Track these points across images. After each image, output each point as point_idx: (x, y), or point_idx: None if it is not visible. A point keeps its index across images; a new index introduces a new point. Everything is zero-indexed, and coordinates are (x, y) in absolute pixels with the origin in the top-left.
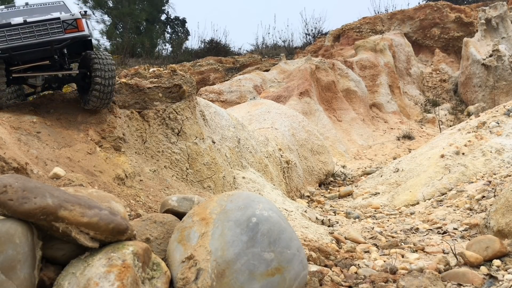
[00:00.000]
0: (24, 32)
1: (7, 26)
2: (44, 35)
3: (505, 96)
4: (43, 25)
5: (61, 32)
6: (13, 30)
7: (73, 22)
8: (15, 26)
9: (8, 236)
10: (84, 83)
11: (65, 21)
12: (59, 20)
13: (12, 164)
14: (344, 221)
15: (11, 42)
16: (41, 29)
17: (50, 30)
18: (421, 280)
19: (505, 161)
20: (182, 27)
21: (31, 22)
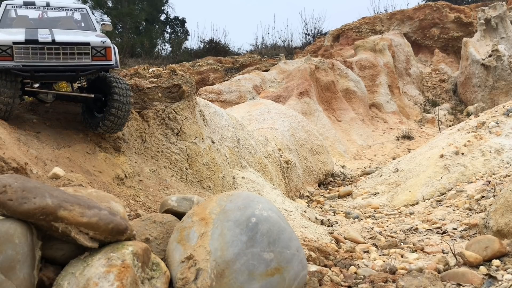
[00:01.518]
0: (50, 52)
1: (34, 43)
2: (70, 58)
3: (504, 96)
4: (71, 48)
5: (88, 58)
6: (38, 48)
7: (103, 50)
8: (41, 45)
9: (7, 236)
10: (95, 106)
11: (95, 47)
12: (88, 45)
13: (11, 164)
14: (343, 221)
15: (35, 60)
16: (68, 52)
17: (77, 55)
18: (421, 280)
19: (504, 161)
20: (181, 27)
21: (59, 43)
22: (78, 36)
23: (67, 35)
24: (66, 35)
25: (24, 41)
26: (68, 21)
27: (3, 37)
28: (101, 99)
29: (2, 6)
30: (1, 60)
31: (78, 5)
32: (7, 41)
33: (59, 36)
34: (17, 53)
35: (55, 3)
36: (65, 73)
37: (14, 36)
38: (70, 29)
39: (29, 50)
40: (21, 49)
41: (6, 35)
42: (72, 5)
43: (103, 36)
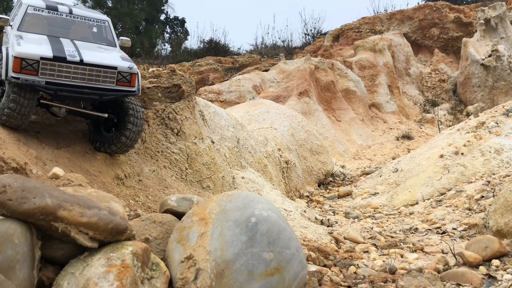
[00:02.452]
0: (76, 72)
1: (61, 60)
2: (95, 80)
3: (504, 96)
4: (97, 70)
5: (112, 82)
6: (65, 67)
7: (128, 76)
8: (68, 63)
9: (7, 236)
10: (105, 126)
11: (121, 72)
12: (115, 70)
13: (11, 164)
14: (343, 221)
15: (60, 78)
16: (94, 74)
17: (103, 78)
18: (420, 280)
19: (504, 161)
20: (181, 27)
21: (87, 63)
22: (105, 56)
23: (93, 53)
24: (92, 54)
25: (52, 58)
26: (89, 32)
27: (31, 49)
28: (113, 119)
29: (23, 7)
30: (25, 74)
31: (101, 17)
32: (34, 55)
33: (87, 56)
34: (42, 69)
35: (78, 12)
36: (88, 95)
37: (41, 50)
38: (91, 41)
39: (56, 67)
40: (48, 65)
41: (33, 46)
42: (94, 16)
43: (128, 60)
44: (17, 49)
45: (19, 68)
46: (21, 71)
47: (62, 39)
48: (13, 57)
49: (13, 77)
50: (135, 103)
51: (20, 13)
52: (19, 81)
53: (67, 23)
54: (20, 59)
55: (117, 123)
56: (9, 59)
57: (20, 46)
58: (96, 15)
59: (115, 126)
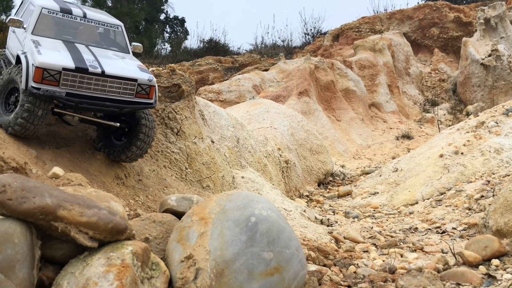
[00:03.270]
0: (97, 83)
1: (83, 72)
2: (115, 92)
3: (504, 96)
4: (118, 82)
5: (132, 94)
6: (86, 78)
7: (147, 88)
8: (90, 75)
9: (7, 235)
10: (116, 135)
11: (141, 84)
12: (135, 82)
13: (11, 163)
14: (343, 220)
15: (80, 90)
16: (115, 85)
17: (123, 90)
18: (420, 279)
19: (503, 161)
20: (181, 27)
21: (108, 75)
22: (124, 67)
23: (112, 63)
24: (112, 64)
25: (74, 69)
26: (103, 37)
27: (52, 59)
28: (124, 128)
29: (37, 9)
30: (46, 84)
31: (114, 21)
32: (57, 66)
33: (108, 67)
34: (64, 80)
35: (92, 16)
36: (108, 107)
37: (63, 60)
38: (105, 47)
39: (77, 78)
40: (69, 76)
41: (54, 55)
42: (107, 20)
43: (146, 70)
44: (39, 58)
45: (41, 78)
46: (42, 82)
47: (78, 45)
48: (35, 67)
49: (33, 87)
50: (148, 112)
51: (34, 15)
52: (39, 92)
53: (81, 27)
54: (42, 70)
55: (128, 132)
56: (30, 68)
57: (42, 56)
58: (110, 19)
59: (125, 135)
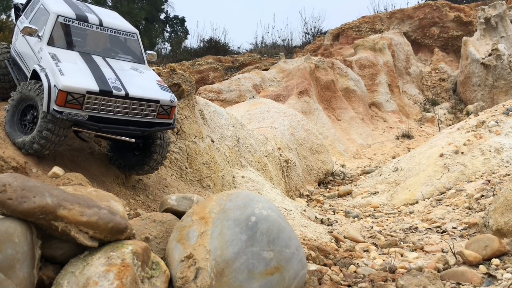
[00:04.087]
0: (120, 105)
1: (107, 94)
2: (137, 114)
3: (504, 95)
4: (141, 104)
5: (153, 115)
6: (110, 101)
7: (168, 109)
8: (114, 98)
9: (7, 235)
10: (129, 148)
11: (163, 105)
12: (158, 103)
13: (11, 163)
14: (343, 220)
15: (103, 112)
16: (137, 107)
17: (145, 111)
18: (420, 279)
19: (504, 160)
20: (181, 26)
21: (132, 97)
22: (146, 86)
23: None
24: (134, 84)
25: (99, 92)
26: (119, 46)
27: (76, 81)
28: (139, 143)
29: (53, 17)
30: (69, 108)
31: (130, 28)
32: (81, 89)
33: (131, 89)
34: (87, 103)
35: (108, 23)
36: (130, 130)
37: (87, 82)
38: (122, 57)
39: (101, 101)
40: (93, 99)
41: (77, 76)
42: (123, 28)
43: (166, 88)
44: (63, 81)
45: (64, 102)
46: (65, 105)
47: (95, 58)
48: (58, 90)
49: (56, 111)
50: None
51: (49, 23)
52: (61, 115)
53: (97, 36)
54: (66, 93)
55: (142, 147)
56: (52, 90)
57: (65, 77)
58: (125, 26)
59: (139, 149)
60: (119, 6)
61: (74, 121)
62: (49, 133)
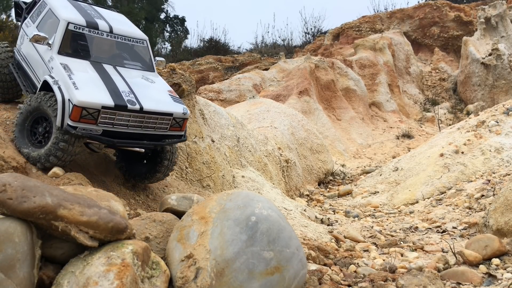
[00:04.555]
0: (135, 119)
1: (122, 109)
2: (150, 127)
3: (504, 95)
4: (154, 117)
5: (166, 128)
6: (124, 115)
7: (181, 121)
8: (128, 112)
9: (7, 235)
10: (138, 157)
11: (176, 118)
12: (171, 116)
13: (11, 163)
14: (343, 220)
15: (118, 127)
16: (151, 121)
17: (158, 124)
18: (420, 279)
19: (504, 160)
20: (181, 26)
21: (146, 111)
22: (159, 98)
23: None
24: (148, 96)
25: (114, 107)
26: (129, 53)
27: (91, 96)
28: (148, 153)
29: (63, 24)
30: (84, 123)
31: (140, 35)
32: (96, 104)
33: (145, 102)
34: (102, 118)
35: (118, 30)
36: (144, 145)
37: (102, 97)
38: (132, 65)
39: (115, 116)
40: (107, 114)
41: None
42: (133, 35)
43: (178, 100)
44: (77, 95)
45: (78, 117)
46: (79, 120)
47: (106, 67)
48: (73, 105)
49: (70, 126)
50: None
51: (59, 31)
52: (76, 131)
53: (107, 44)
54: (81, 109)
55: (151, 157)
56: (66, 105)
57: (79, 91)
58: (135, 33)
59: (148, 158)
60: (119, 5)
61: (88, 137)
62: (64, 148)
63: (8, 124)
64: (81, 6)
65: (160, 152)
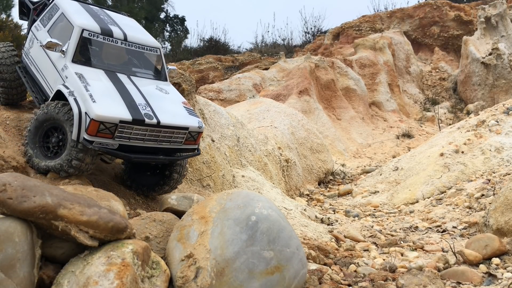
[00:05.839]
0: (151, 134)
1: (140, 123)
2: (166, 141)
3: (504, 95)
4: (170, 131)
5: (181, 142)
6: (141, 129)
7: (196, 135)
8: (145, 126)
9: (7, 234)
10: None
11: (191, 132)
12: (186, 130)
13: (11, 162)
14: (343, 219)
15: (134, 141)
16: (167, 135)
17: (173, 138)
18: (420, 278)
19: (504, 160)
20: (181, 26)
21: (163, 125)
22: (175, 111)
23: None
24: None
25: (132, 121)
26: (142, 62)
27: (109, 110)
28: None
29: (77, 31)
30: (100, 137)
31: (154, 43)
32: (114, 118)
33: (162, 116)
34: (119, 132)
35: (132, 38)
36: (160, 160)
37: (120, 111)
38: (145, 75)
39: (132, 130)
40: (124, 128)
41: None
42: (147, 43)
43: (193, 113)
44: (95, 109)
45: (96, 131)
46: (96, 135)
47: (120, 76)
48: (91, 119)
49: (86, 140)
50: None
51: (74, 38)
52: (92, 145)
53: (121, 52)
54: (98, 123)
55: (161, 168)
56: (83, 118)
57: (97, 105)
58: (149, 41)
59: (157, 169)
60: (119, 5)
61: (105, 151)
62: (79, 162)
63: (8, 124)
64: (94, 10)
65: (170, 165)
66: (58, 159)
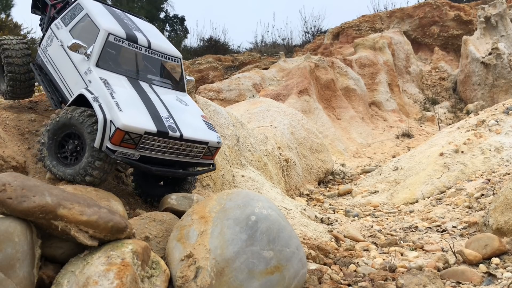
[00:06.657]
0: (172, 147)
1: (164, 136)
2: (184, 155)
3: (504, 94)
4: (191, 145)
5: (199, 156)
6: (164, 142)
7: (214, 150)
8: (168, 139)
9: (7, 234)
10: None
11: (210, 147)
12: (206, 145)
13: (11, 162)
14: (343, 219)
15: (155, 152)
16: (187, 149)
17: (193, 152)
18: (420, 278)
19: (504, 159)
20: (181, 25)
21: (185, 139)
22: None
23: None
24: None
25: (156, 133)
26: (163, 70)
27: (135, 120)
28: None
29: (103, 34)
30: (124, 147)
31: (175, 53)
32: (139, 129)
33: (184, 129)
34: (142, 143)
35: (156, 46)
36: (179, 174)
37: (145, 122)
38: (165, 84)
39: (155, 142)
40: (148, 139)
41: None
42: (169, 52)
43: (212, 127)
44: (121, 118)
45: (120, 141)
46: (120, 144)
47: (143, 84)
48: (116, 128)
49: (109, 149)
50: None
51: (99, 42)
52: (114, 155)
53: (143, 59)
54: (124, 133)
55: (171, 179)
56: (108, 126)
57: (123, 114)
58: (171, 50)
59: (167, 180)
60: (118, 5)
61: (126, 162)
62: (98, 171)
63: (7, 123)
64: (117, 13)
65: (181, 180)
66: (76, 166)
